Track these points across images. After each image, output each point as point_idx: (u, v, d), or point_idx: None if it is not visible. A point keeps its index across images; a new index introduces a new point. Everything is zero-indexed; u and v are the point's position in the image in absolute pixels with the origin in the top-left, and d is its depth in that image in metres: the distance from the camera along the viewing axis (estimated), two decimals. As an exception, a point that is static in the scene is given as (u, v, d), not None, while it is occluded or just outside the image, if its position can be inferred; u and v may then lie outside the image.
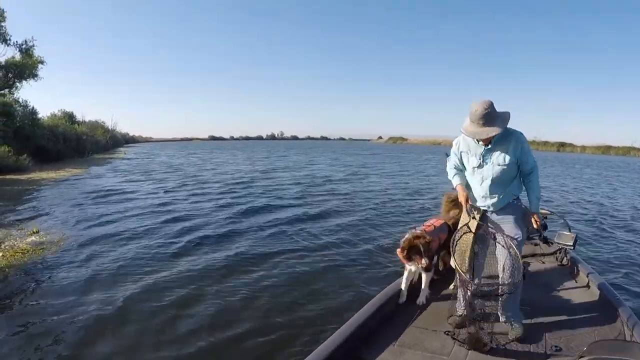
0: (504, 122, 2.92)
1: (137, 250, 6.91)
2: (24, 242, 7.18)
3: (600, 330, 3.23)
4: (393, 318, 3.46)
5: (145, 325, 4.31)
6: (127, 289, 5.22)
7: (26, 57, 22.73)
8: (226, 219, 9.55)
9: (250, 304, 4.85)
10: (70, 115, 41.83)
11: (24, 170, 20.01)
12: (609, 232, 9.20)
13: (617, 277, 5.93)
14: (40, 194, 13.44)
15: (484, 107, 2.86)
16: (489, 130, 2.87)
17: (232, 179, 18.47)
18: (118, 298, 4.92)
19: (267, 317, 4.47)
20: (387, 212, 11.05)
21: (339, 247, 7.34)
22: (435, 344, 3.03)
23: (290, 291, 5.23)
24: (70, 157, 30.77)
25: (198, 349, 3.84)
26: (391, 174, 23.17)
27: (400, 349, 2.99)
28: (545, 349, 2.96)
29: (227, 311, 4.63)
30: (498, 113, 2.92)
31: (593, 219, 10.70)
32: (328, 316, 4.44)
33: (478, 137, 2.94)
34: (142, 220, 9.35)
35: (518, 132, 3.04)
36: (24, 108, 26.95)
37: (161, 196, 13.14)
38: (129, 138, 78.44)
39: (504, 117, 2.94)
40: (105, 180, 17.67)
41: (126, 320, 4.41)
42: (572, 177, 23.82)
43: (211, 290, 5.20)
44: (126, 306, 4.72)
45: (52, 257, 6.44)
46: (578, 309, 3.63)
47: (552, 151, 79.41)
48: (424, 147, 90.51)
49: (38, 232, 7.89)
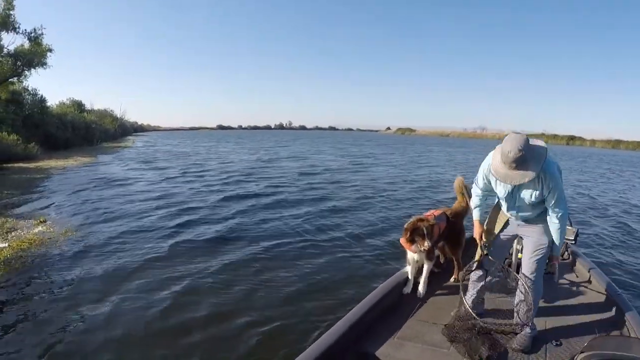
0: (539, 163, 2.56)
1: (140, 241, 6.81)
2: (31, 232, 7.10)
3: (601, 325, 3.20)
4: (394, 311, 3.45)
5: (142, 318, 4.20)
6: (128, 283, 5.09)
7: (35, 45, 22.58)
8: (228, 210, 9.53)
9: (249, 296, 4.80)
10: (79, 104, 42.07)
11: (33, 159, 19.98)
12: (613, 226, 9.10)
13: (618, 272, 5.88)
14: (48, 182, 13.40)
15: (518, 148, 2.49)
16: (522, 175, 2.56)
17: (235, 169, 18.47)
18: (114, 295, 4.76)
19: (266, 310, 4.42)
20: (386, 202, 11.09)
21: (338, 239, 7.29)
22: (436, 337, 3.00)
23: (289, 283, 5.18)
24: (79, 146, 30.84)
25: (198, 340, 3.82)
26: (392, 164, 23.33)
27: (400, 342, 2.98)
28: (545, 344, 2.93)
29: (225, 304, 4.58)
30: (533, 152, 2.57)
31: (597, 213, 10.64)
32: (328, 308, 4.41)
33: (510, 181, 2.64)
34: (145, 210, 9.26)
35: (552, 169, 2.68)
36: (33, 96, 27.01)
37: (165, 186, 13.06)
38: (138, 127, 78.79)
39: (540, 156, 2.58)
40: (113, 169, 17.65)
41: (121, 316, 4.28)
42: (581, 171, 23.58)
43: (209, 283, 5.16)
44: (122, 302, 4.57)
45: (57, 249, 6.33)
46: (579, 304, 3.62)
47: (561, 144, 78.91)
48: (432, 138, 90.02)
49: (45, 222, 7.82)
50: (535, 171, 2.55)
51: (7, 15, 21.16)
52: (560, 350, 2.86)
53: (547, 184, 2.67)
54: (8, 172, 15.64)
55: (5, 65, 21.73)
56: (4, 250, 6.15)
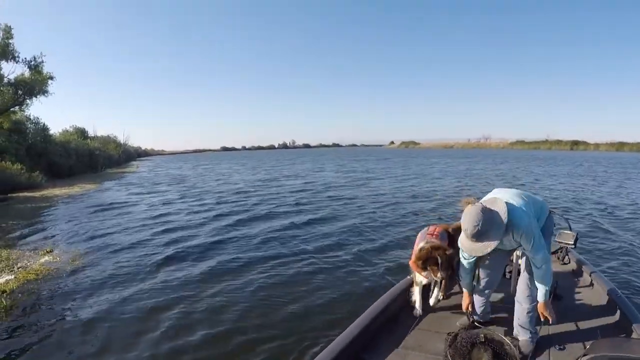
0: (499, 230, 2.60)
1: (143, 267, 6.64)
2: (37, 263, 6.90)
3: (603, 328, 3.18)
4: (397, 321, 3.43)
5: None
6: (138, 316, 4.89)
7: (35, 73, 22.57)
8: (225, 227, 9.79)
9: (251, 310, 4.82)
10: (82, 131, 42.32)
11: (38, 187, 19.90)
12: (611, 230, 8.98)
13: (619, 275, 5.86)
14: (53, 211, 13.24)
15: (473, 224, 2.57)
16: (484, 246, 2.61)
17: (234, 189, 18.59)
18: (122, 332, 4.60)
19: (268, 323, 4.44)
20: (387, 215, 11.06)
21: (340, 251, 7.36)
22: (439, 346, 2.94)
23: (292, 297, 5.20)
24: (83, 173, 30.86)
25: (201, 354, 3.86)
26: (394, 177, 23.57)
27: (404, 352, 2.96)
28: (549, 348, 2.90)
29: (226, 319, 4.60)
30: (492, 221, 2.59)
31: (595, 216, 10.58)
32: (331, 320, 4.44)
33: (475, 254, 2.73)
34: (148, 236, 9.04)
35: (518, 220, 2.68)
36: (35, 125, 27.14)
37: (166, 210, 12.88)
38: (142, 152, 79.25)
39: (499, 223, 2.61)
40: (117, 195, 17.50)
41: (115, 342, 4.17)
42: (580, 175, 23.39)
43: (211, 298, 5.23)
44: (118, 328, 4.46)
45: (65, 280, 6.10)
46: (580, 307, 3.62)
47: (565, 150, 78.80)
48: (435, 150, 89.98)
49: (52, 252, 7.63)
50: (496, 240, 2.60)
51: (7, 45, 21.07)
52: (564, 354, 2.82)
53: (519, 235, 2.71)
54: (13, 202, 15.52)
55: (6, 95, 21.60)
56: (10, 283, 5.97)
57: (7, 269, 6.67)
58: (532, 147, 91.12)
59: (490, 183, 19.33)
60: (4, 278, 6.22)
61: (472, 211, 2.60)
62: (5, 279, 6.15)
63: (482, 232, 2.56)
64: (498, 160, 44.51)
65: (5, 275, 6.36)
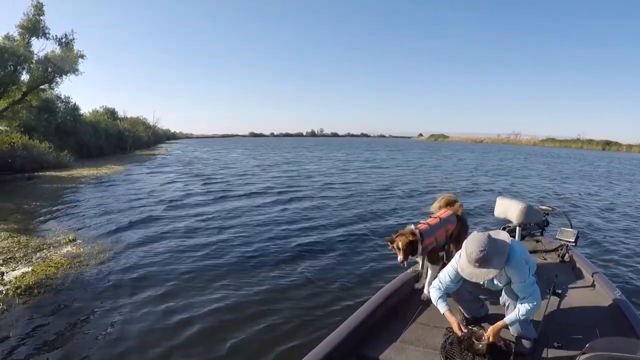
0: (502, 258, 2.65)
1: (171, 262, 5.96)
2: (58, 253, 6.20)
3: (602, 327, 3.12)
4: (395, 315, 3.41)
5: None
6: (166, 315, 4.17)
7: (66, 51, 22.02)
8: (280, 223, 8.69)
9: (251, 301, 4.72)
10: (112, 112, 42.17)
11: (65, 167, 19.60)
12: (612, 229, 8.88)
13: (619, 273, 5.85)
14: (79, 193, 12.67)
15: (479, 248, 2.59)
16: (486, 273, 2.63)
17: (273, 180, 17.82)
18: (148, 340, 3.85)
19: (267, 314, 4.38)
20: (396, 205, 11.15)
21: (343, 242, 7.26)
22: (438, 340, 2.91)
23: (291, 288, 5.13)
24: (112, 153, 30.81)
25: (204, 343, 3.82)
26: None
27: (402, 346, 2.93)
28: (547, 346, 2.86)
29: (227, 309, 4.52)
30: (496, 249, 2.63)
31: (596, 215, 10.49)
32: (330, 312, 4.43)
33: (476, 279, 2.69)
34: (178, 227, 8.29)
35: (514, 260, 2.69)
36: (65, 104, 26.90)
37: (199, 199, 12.11)
38: (170, 135, 79.76)
39: (503, 252, 2.66)
40: (147, 178, 16.95)
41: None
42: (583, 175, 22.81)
43: (215, 289, 5.08)
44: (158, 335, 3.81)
45: (87, 277, 5.36)
46: (579, 306, 3.55)
47: (597, 149, 77.43)
48: (465, 144, 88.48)
49: (74, 240, 6.92)
50: (498, 268, 2.61)
51: (37, 21, 20.44)
52: (562, 352, 2.78)
53: (511, 273, 2.75)
54: (39, 181, 15.10)
55: (35, 72, 21.10)
56: (27, 277, 5.25)
57: (24, 259, 5.98)
58: (562, 145, 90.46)
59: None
60: (21, 270, 5.51)
61: (479, 236, 2.64)
62: (22, 272, 5.45)
63: (486, 258, 2.59)
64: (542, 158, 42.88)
65: (22, 266, 5.66)
